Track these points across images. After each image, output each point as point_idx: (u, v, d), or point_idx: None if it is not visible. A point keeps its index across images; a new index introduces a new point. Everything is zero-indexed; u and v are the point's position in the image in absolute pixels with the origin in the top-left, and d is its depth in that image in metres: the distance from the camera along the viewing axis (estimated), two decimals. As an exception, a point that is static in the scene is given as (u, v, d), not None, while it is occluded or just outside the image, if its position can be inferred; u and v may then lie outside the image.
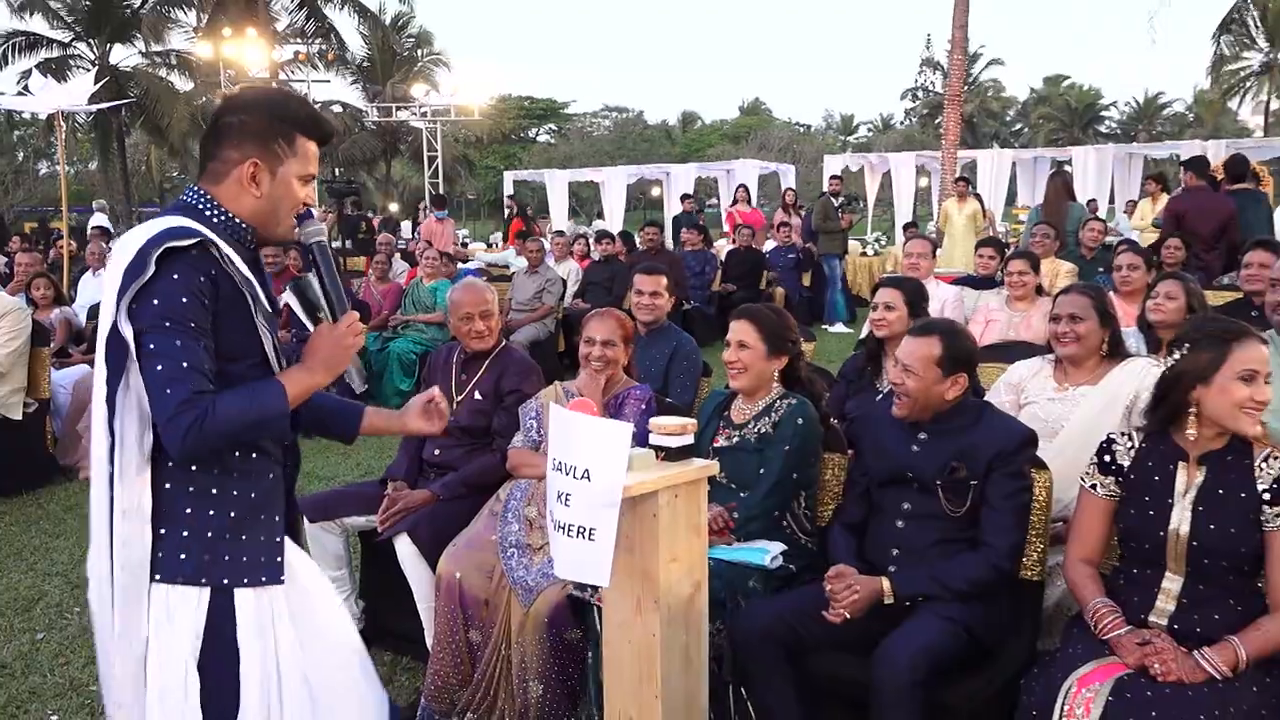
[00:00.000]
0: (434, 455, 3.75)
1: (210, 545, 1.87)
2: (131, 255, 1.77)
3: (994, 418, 2.81)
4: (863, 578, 2.64)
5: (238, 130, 1.93)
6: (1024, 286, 5.30)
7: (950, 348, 2.72)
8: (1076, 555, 2.55)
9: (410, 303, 8.70)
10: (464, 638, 3.14)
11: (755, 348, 3.08)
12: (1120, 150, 21.19)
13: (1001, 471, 2.67)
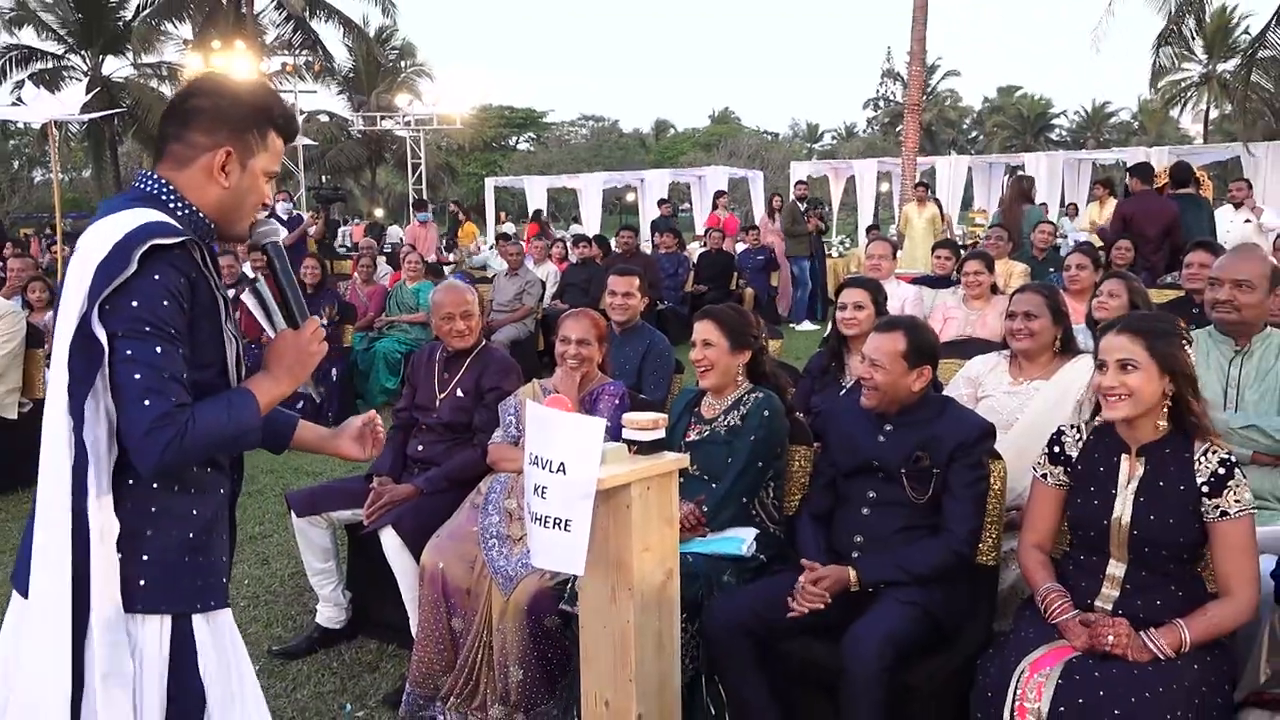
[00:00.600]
0: (417, 451, 3.73)
1: (170, 569, 1.66)
2: (107, 249, 1.56)
3: (956, 411, 2.83)
4: (830, 568, 2.65)
5: (211, 114, 1.73)
6: (979, 286, 5.34)
7: (914, 342, 2.73)
8: (1029, 541, 2.57)
9: (394, 304, 8.66)
10: (447, 625, 3.13)
11: (719, 345, 3.08)
12: (1070, 156, 21.42)
13: (962, 462, 2.69)
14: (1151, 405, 2.33)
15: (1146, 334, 2.34)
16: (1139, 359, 2.32)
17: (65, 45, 29.34)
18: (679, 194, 23.63)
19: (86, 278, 1.56)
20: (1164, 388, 2.31)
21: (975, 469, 2.71)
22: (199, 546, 1.71)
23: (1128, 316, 2.57)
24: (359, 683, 3.38)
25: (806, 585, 2.62)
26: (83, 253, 1.59)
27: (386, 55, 34.83)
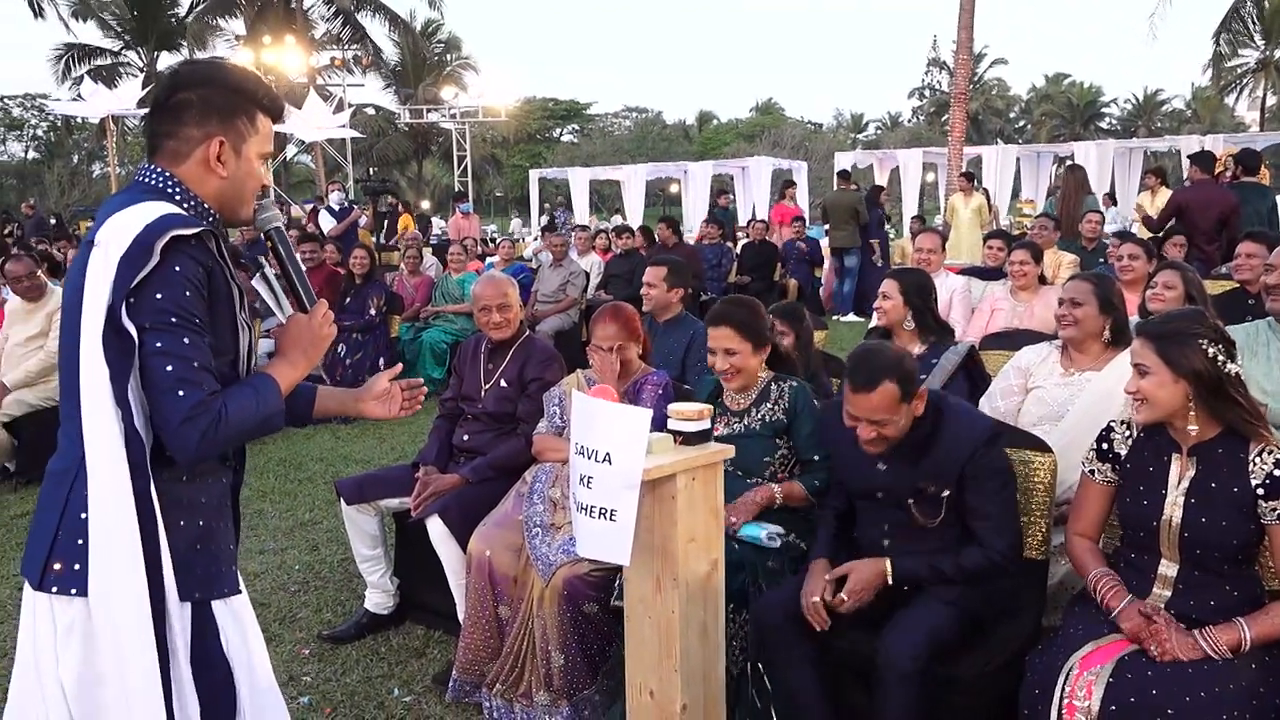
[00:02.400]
0: (463, 441, 3.75)
1: (185, 558, 1.66)
2: (127, 243, 1.56)
3: (951, 420, 2.58)
4: (865, 562, 2.59)
5: (199, 106, 1.72)
6: (1025, 276, 5.24)
7: (903, 379, 2.50)
8: (1076, 530, 2.53)
9: (440, 295, 8.73)
10: (493, 613, 3.15)
11: (743, 350, 2.99)
12: (1120, 145, 20.92)
13: (978, 477, 2.53)
14: (1172, 409, 2.28)
15: (1156, 337, 2.29)
16: (1149, 363, 2.28)
17: (122, 42, 29.96)
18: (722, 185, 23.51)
19: (110, 271, 1.55)
20: (1183, 392, 2.25)
21: (995, 476, 2.55)
22: (206, 535, 1.72)
23: (1145, 320, 2.52)
24: (406, 668, 3.41)
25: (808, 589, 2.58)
26: (103, 246, 1.59)
27: (432, 49, 35.07)
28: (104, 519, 1.56)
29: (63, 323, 1.68)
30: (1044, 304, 5.03)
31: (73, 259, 1.74)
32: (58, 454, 1.68)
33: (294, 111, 20.15)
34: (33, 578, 1.63)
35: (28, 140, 42.48)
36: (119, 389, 1.55)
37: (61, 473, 1.63)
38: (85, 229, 15.01)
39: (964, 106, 16.43)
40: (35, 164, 39.84)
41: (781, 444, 3.05)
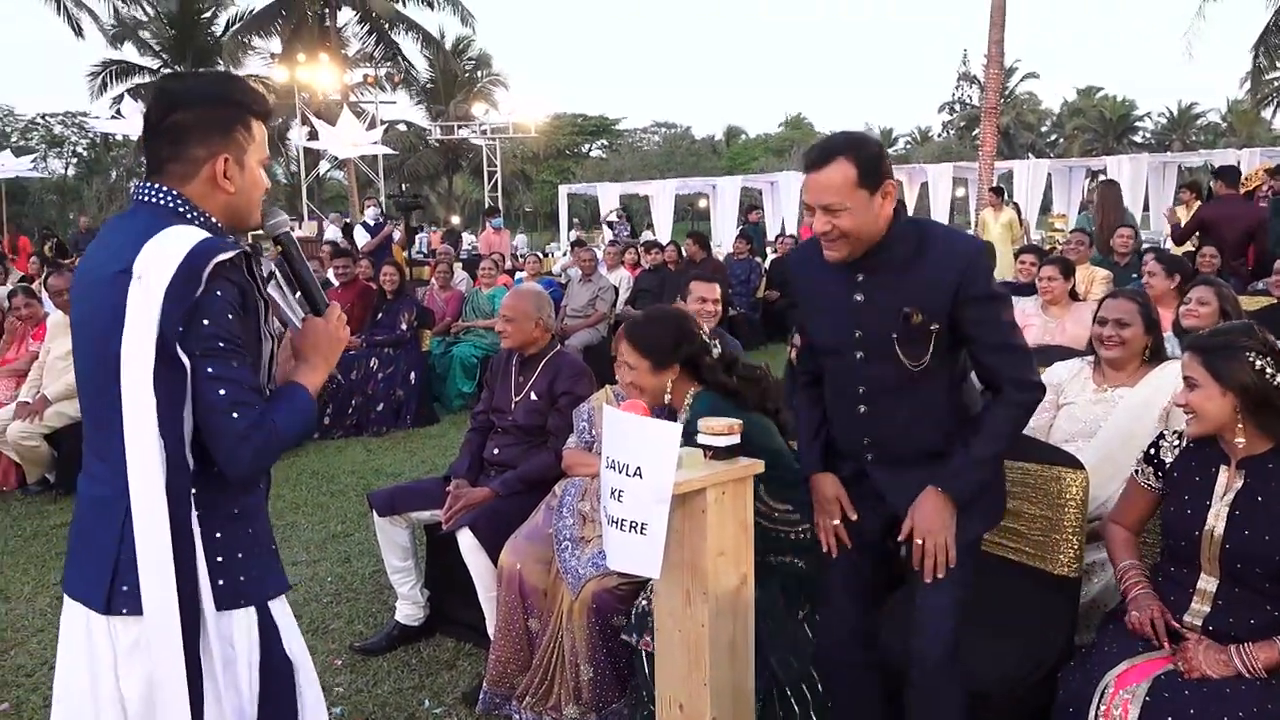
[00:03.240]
0: (493, 454, 3.78)
1: (243, 565, 1.71)
2: (170, 273, 1.57)
3: (937, 239, 2.21)
4: (922, 503, 2.22)
5: (197, 127, 1.71)
6: (1053, 291, 5.20)
7: (862, 160, 2.10)
8: (1115, 519, 2.57)
9: (471, 309, 8.79)
10: (523, 626, 3.17)
11: (639, 366, 2.83)
12: (1155, 159, 20.73)
13: (978, 298, 2.17)
14: (1221, 422, 2.28)
15: (1204, 351, 2.30)
16: (1198, 377, 2.29)
17: (160, 60, 30.50)
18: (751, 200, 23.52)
19: (155, 303, 1.57)
20: (1231, 405, 2.25)
21: (992, 302, 2.18)
22: (258, 537, 1.78)
23: (1196, 333, 2.51)
24: (437, 679, 3.44)
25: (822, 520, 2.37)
26: (144, 278, 1.58)
27: (464, 66, 35.42)
28: (145, 544, 1.60)
29: (86, 352, 1.69)
30: (1075, 320, 4.99)
31: (79, 286, 1.74)
32: (95, 479, 1.70)
33: (327, 128, 20.43)
34: (96, 601, 1.65)
35: (68, 157, 43.32)
36: (166, 420, 1.58)
37: (112, 500, 1.64)
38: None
39: (995, 120, 16.35)
40: (75, 180, 40.60)
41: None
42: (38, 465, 5.82)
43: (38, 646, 3.74)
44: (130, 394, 1.58)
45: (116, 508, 1.63)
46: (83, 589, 1.68)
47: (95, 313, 1.65)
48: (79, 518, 1.74)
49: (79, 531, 1.73)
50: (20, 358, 6.36)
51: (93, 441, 1.71)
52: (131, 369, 1.57)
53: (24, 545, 4.94)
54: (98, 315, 1.64)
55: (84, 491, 1.74)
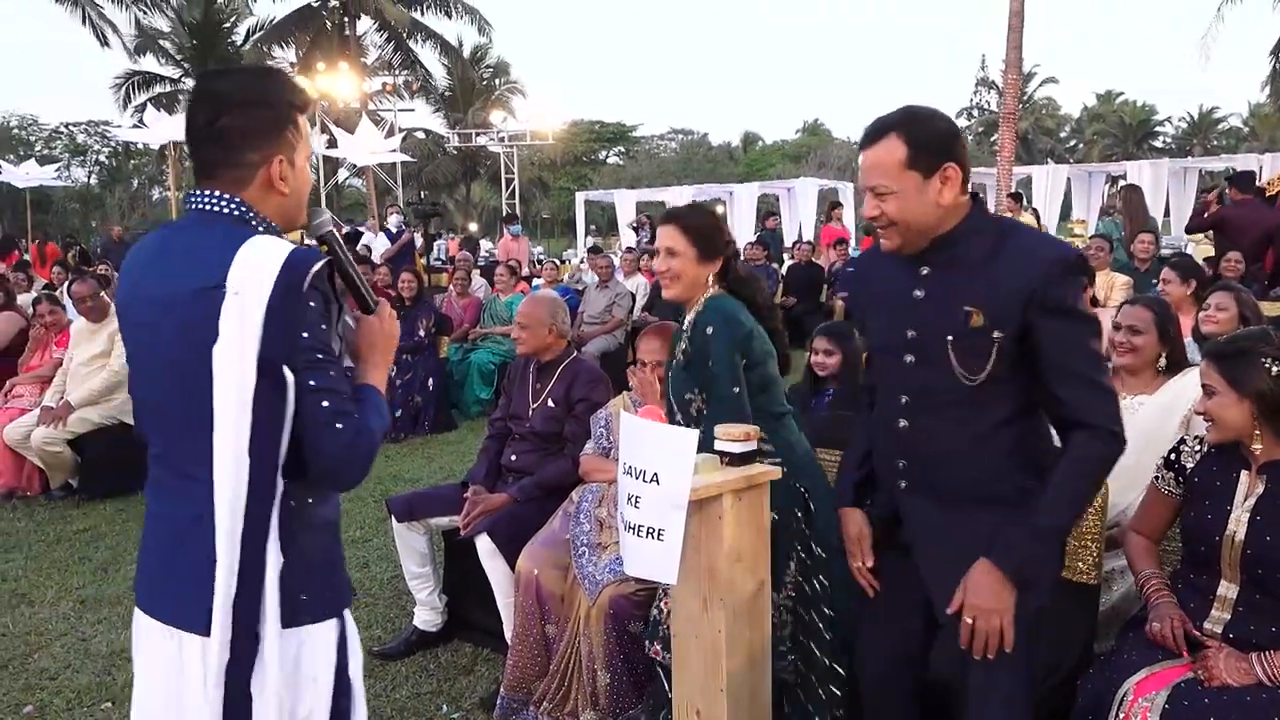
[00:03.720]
0: (511, 460, 3.80)
1: (323, 576, 1.67)
2: (269, 288, 1.52)
3: (1020, 239, 1.96)
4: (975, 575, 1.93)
5: (249, 131, 1.65)
6: (1078, 298, 5.18)
7: (916, 138, 1.90)
8: (1136, 528, 2.56)
9: (488, 316, 8.83)
10: (540, 631, 3.18)
11: (685, 253, 2.69)
12: (1175, 165, 20.57)
13: (1059, 310, 1.87)
14: (1239, 429, 2.28)
15: (1220, 357, 2.31)
16: (1215, 384, 2.29)
17: (181, 70, 30.82)
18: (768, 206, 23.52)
19: (255, 317, 1.51)
20: (1249, 411, 2.25)
21: (1076, 319, 1.89)
22: (333, 546, 1.75)
23: (1215, 340, 2.50)
24: (455, 685, 3.45)
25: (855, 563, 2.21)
26: (241, 295, 1.52)
27: (481, 73, 35.59)
28: (220, 565, 1.56)
29: (160, 372, 1.62)
30: (1095, 326, 4.97)
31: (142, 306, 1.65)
32: (184, 499, 1.61)
33: (346, 136, 20.56)
34: (197, 623, 1.57)
35: (90, 166, 43.80)
36: (262, 440, 1.54)
37: (201, 518, 1.57)
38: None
39: (1013, 126, 16.27)
40: (97, 189, 41.04)
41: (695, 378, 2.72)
42: (61, 470, 5.88)
43: (61, 650, 3.78)
44: (225, 413, 1.53)
45: (208, 526, 1.57)
46: (177, 612, 1.61)
47: (175, 331, 1.58)
48: (164, 538, 1.66)
49: (166, 553, 1.65)
50: (44, 364, 6.44)
51: (173, 460, 1.64)
52: (228, 387, 1.52)
53: (47, 550, 4.99)
54: (179, 333, 1.57)
55: (168, 511, 1.65)
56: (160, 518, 1.67)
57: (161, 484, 1.67)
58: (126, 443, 5.89)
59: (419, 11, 29.52)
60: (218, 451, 1.54)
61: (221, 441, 1.53)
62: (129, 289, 1.70)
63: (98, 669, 3.62)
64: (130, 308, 1.69)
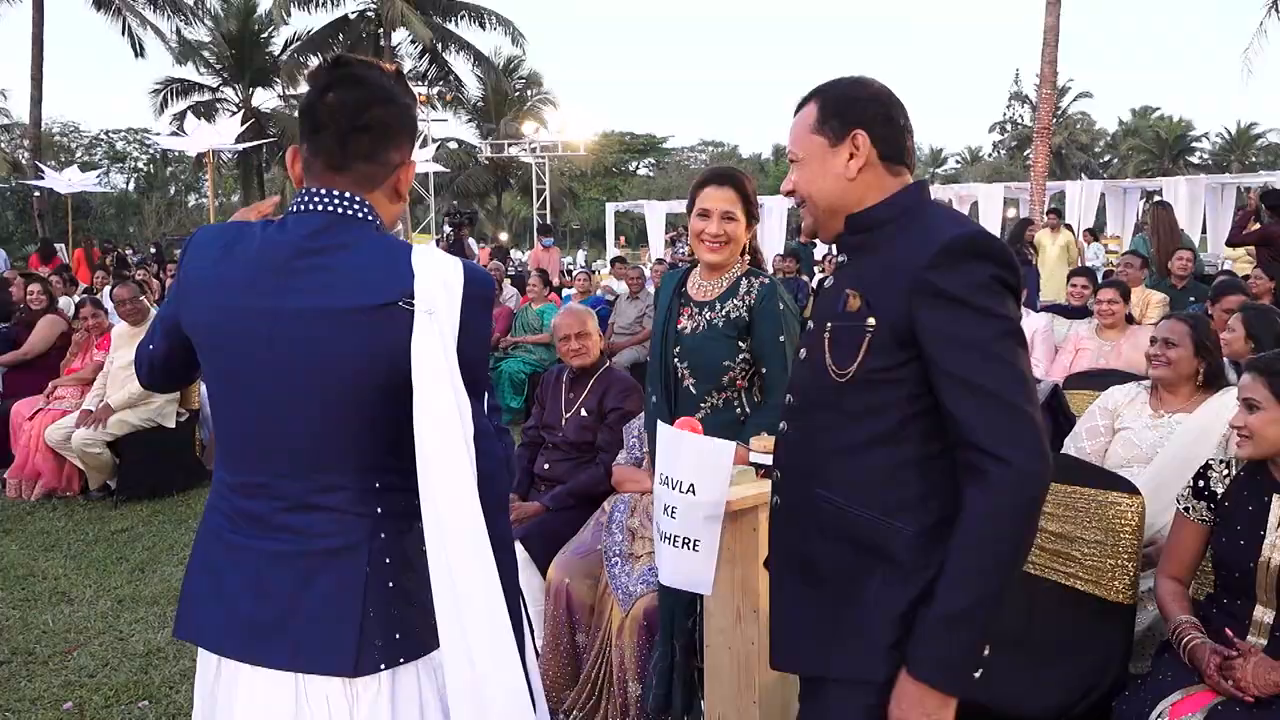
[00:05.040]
0: (544, 469, 3.83)
1: (429, 609, 1.45)
2: (459, 303, 1.43)
3: (930, 218, 1.61)
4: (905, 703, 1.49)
5: (397, 126, 1.53)
6: (1113, 315, 5.15)
7: (827, 101, 1.67)
8: (1166, 572, 2.49)
9: (520, 325, 8.88)
10: (570, 641, 3.20)
11: (740, 220, 2.67)
12: (1212, 180, 20.33)
13: (932, 301, 1.50)
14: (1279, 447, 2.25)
15: (1268, 372, 2.28)
16: (1259, 398, 2.27)
17: (220, 79, 31.33)
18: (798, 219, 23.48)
19: (449, 336, 1.42)
20: None
21: (967, 310, 1.48)
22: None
23: (1260, 355, 2.47)
24: (485, 691, 3.47)
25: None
26: (438, 312, 1.42)
27: (514, 84, 35.85)
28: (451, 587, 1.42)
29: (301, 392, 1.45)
30: (1131, 344, 4.94)
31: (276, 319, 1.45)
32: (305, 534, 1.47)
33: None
34: (339, 665, 1.44)
35: (129, 172, 44.54)
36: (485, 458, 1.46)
37: (345, 549, 1.47)
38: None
39: (1047, 141, 16.18)
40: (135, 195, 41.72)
41: (744, 347, 2.67)
42: (100, 472, 5.98)
43: (99, 648, 3.85)
44: (435, 438, 1.39)
45: (354, 558, 1.46)
46: (302, 655, 1.45)
47: (332, 348, 1.43)
48: (274, 576, 1.47)
49: (279, 591, 1.47)
50: (86, 366, 6.56)
51: (287, 491, 1.48)
52: (436, 409, 1.39)
53: (86, 549, 5.08)
54: (338, 351, 1.43)
55: (280, 548, 1.48)
56: (260, 554, 1.48)
57: (270, 520, 1.49)
58: (163, 445, 6.02)
59: (453, 23, 29.83)
60: (431, 481, 1.40)
61: (439, 471, 1.40)
62: (242, 301, 1.47)
63: (135, 667, 3.67)
64: (245, 322, 1.47)
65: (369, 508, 1.47)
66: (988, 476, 1.43)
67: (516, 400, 8.15)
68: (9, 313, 7.60)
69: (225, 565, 1.52)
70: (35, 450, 6.09)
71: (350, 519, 1.47)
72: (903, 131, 1.66)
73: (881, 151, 1.64)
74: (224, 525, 1.53)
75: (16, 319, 7.42)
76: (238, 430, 1.52)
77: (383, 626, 1.46)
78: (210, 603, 1.53)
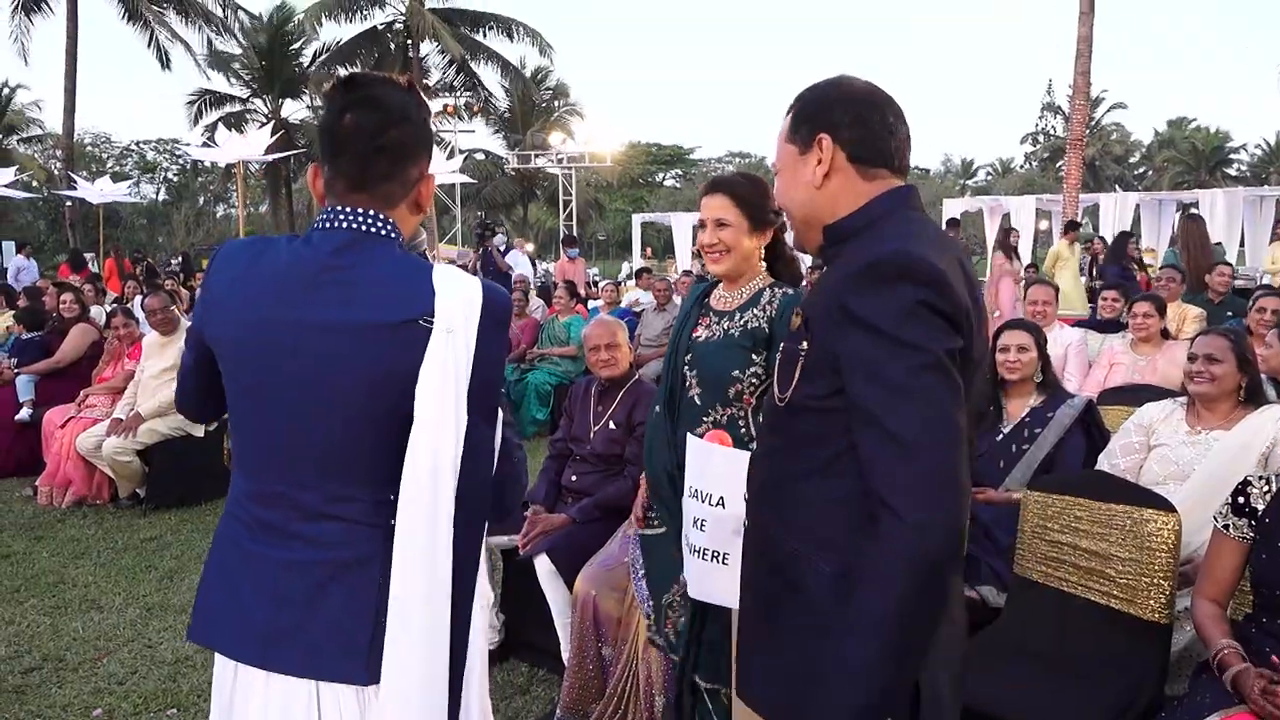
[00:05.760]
0: (571, 481, 3.85)
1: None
2: (476, 321, 1.49)
3: (866, 234, 1.52)
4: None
5: (415, 145, 1.57)
6: (1148, 329, 5.10)
7: (798, 107, 1.61)
8: (1204, 594, 2.45)
9: (546, 337, 8.91)
10: (597, 653, 3.21)
11: (736, 224, 2.61)
12: (1250, 193, 20.09)
13: (841, 324, 1.41)
14: None
15: None
16: None
17: (250, 90, 31.78)
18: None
19: (465, 355, 1.47)
20: None
21: (872, 335, 1.37)
22: None
23: None
24: (511, 704, 3.49)
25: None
26: (456, 331, 1.46)
27: (542, 95, 36.08)
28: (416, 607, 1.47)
29: (321, 405, 1.49)
30: (1167, 359, 4.89)
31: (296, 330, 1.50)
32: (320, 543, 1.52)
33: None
34: (353, 674, 1.49)
35: (159, 183, 45.21)
36: (473, 476, 1.50)
37: (357, 562, 1.51)
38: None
39: (1080, 152, 16.11)
40: (164, 205, 42.34)
41: (758, 361, 2.60)
42: (130, 480, 6.07)
43: (129, 656, 3.90)
44: (428, 451, 1.45)
45: (367, 569, 1.50)
46: (315, 662, 1.50)
47: (350, 362, 1.47)
48: (289, 585, 1.51)
49: (295, 600, 1.51)
50: (117, 375, 6.67)
51: (305, 501, 1.52)
52: (438, 425, 1.45)
53: (115, 557, 5.15)
54: (356, 365, 1.47)
55: (295, 557, 1.52)
56: (277, 563, 1.53)
57: (286, 528, 1.53)
58: (192, 455, 6.10)
59: (481, 34, 30.08)
60: (419, 491, 1.45)
61: (427, 481, 1.45)
62: (266, 314, 1.51)
63: (164, 675, 3.72)
64: (270, 335, 1.51)
65: (382, 519, 1.50)
66: (878, 526, 1.33)
67: (543, 412, 8.19)
68: (42, 322, 7.73)
69: (242, 573, 1.56)
70: (66, 458, 6.19)
71: (363, 530, 1.51)
72: (882, 131, 1.55)
73: (852, 154, 1.54)
74: (242, 533, 1.57)
75: (50, 328, 7.56)
76: (264, 441, 1.55)
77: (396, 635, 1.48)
78: (227, 609, 1.57)
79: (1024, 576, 2.96)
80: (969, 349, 1.42)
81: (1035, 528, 2.95)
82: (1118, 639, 2.64)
